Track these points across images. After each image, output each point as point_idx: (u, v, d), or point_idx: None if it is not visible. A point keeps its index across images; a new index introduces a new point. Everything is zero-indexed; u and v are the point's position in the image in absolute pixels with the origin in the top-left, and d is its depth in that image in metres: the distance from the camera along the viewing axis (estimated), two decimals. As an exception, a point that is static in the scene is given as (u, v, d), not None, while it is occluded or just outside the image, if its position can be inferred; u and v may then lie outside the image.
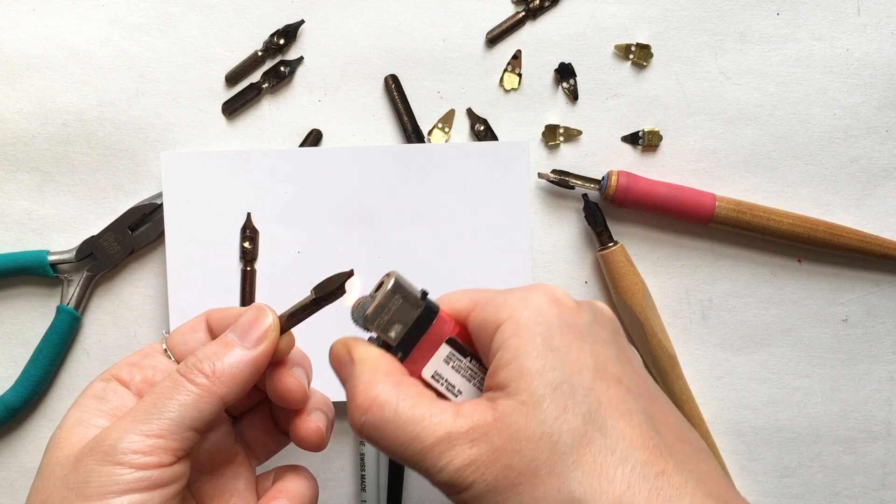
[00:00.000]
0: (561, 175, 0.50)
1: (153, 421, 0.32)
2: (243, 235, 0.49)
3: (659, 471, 0.29)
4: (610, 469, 0.29)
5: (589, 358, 0.31)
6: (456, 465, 0.30)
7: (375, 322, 0.33)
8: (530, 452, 0.29)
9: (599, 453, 0.29)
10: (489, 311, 0.32)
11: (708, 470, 0.31)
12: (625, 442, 0.29)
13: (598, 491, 0.28)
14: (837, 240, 0.50)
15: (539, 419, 0.29)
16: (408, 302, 0.33)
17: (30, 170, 0.50)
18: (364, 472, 0.50)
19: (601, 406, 0.30)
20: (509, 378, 0.30)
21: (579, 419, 0.29)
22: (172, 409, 0.32)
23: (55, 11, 0.50)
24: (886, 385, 0.52)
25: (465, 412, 0.31)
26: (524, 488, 0.29)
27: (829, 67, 0.51)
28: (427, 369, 0.33)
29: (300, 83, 0.51)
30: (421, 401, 0.31)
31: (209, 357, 0.34)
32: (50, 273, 0.49)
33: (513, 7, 0.51)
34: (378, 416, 0.31)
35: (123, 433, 0.31)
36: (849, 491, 0.52)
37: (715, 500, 0.29)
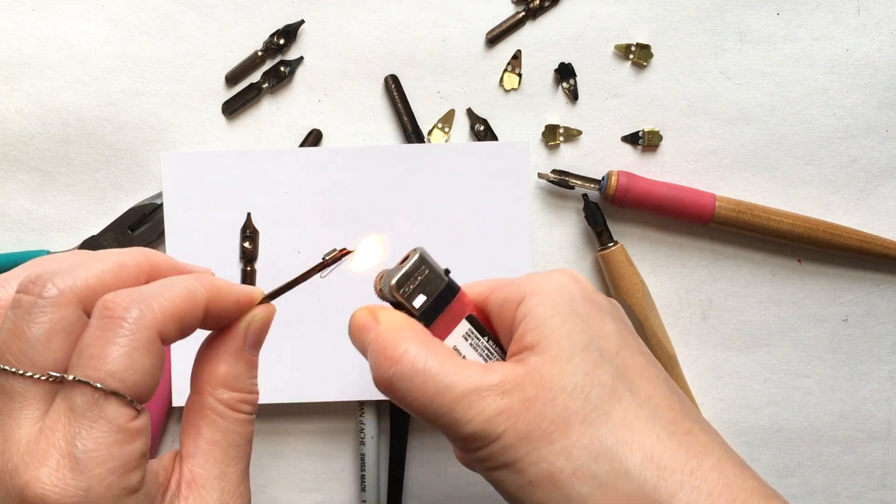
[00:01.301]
0: (561, 175, 0.50)
1: None
2: (243, 235, 0.49)
3: (686, 429, 0.30)
4: (641, 422, 0.30)
5: (612, 328, 0.32)
6: (487, 414, 0.30)
7: (401, 290, 0.33)
8: (563, 402, 0.30)
9: (630, 408, 0.30)
10: (511, 290, 0.33)
11: (724, 440, 0.32)
12: (652, 401, 0.30)
13: (630, 442, 0.29)
14: (837, 240, 0.50)
15: (571, 371, 0.30)
16: (433, 274, 0.34)
17: (30, 170, 0.50)
18: (364, 472, 0.50)
19: (628, 368, 0.31)
20: (538, 338, 0.31)
21: (608, 376, 0.30)
22: None
23: (55, 11, 0.50)
24: (886, 385, 0.52)
25: (494, 368, 0.31)
26: (556, 436, 0.29)
27: (829, 67, 0.51)
28: (446, 343, 0.34)
29: (300, 83, 0.51)
30: (450, 357, 0.31)
31: (245, 381, 0.32)
32: (50, 273, 0.49)
33: (513, 7, 0.51)
34: (409, 368, 0.31)
35: None
36: (849, 491, 0.52)
37: (739, 462, 0.30)
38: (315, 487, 0.51)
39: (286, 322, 0.48)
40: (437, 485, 0.51)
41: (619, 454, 0.29)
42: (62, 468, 0.25)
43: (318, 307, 0.49)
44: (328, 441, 0.51)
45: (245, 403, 0.31)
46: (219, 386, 0.31)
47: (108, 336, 0.26)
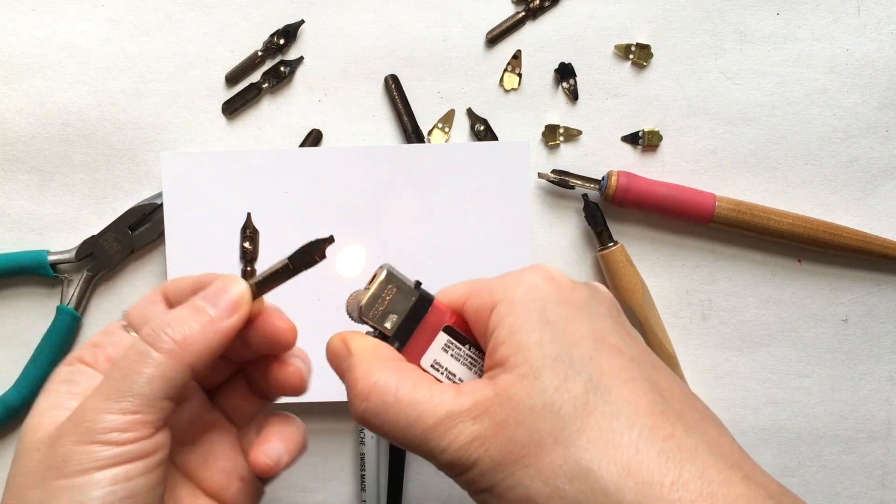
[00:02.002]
0: (561, 175, 0.50)
1: (126, 397, 0.31)
2: (243, 235, 0.49)
3: (667, 434, 0.29)
4: (616, 435, 0.28)
5: (588, 329, 0.31)
6: (460, 443, 0.30)
7: (370, 313, 0.33)
8: (533, 423, 0.29)
9: (604, 419, 0.29)
10: (483, 296, 0.32)
11: (718, 436, 0.30)
12: (630, 407, 0.29)
13: (605, 457, 0.28)
14: (837, 240, 0.50)
15: (539, 389, 0.29)
16: (402, 291, 0.33)
17: (30, 170, 0.50)
18: (364, 472, 0.50)
19: (603, 374, 0.30)
20: (507, 353, 0.30)
21: (580, 387, 0.29)
22: (142, 381, 0.31)
23: (55, 11, 0.50)
24: (886, 385, 0.52)
25: (465, 391, 0.30)
26: (530, 460, 0.29)
27: (829, 67, 0.51)
28: (425, 358, 0.33)
29: (300, 83, 0.51)
30: (420, 383, 0.31)
31: (175, 323, 0.33)
32: (50, 273, 0.49)
33: (513, 7, 0.51)
34: (378, 402, 0.31)
35: (98, 413, 0.31)
36: (849, 491, 0.52)
37: (727, 464, 0.29)
38: (315, 487, 0.51)
39: (286, 322, 0.48)
40: (437, 485, 0.51)
41: (595, 472, 0.28)
42: None
43: (318, 307, 0.49)
44: (328, 441, 0.51)
45: (148, 328, 0.33)
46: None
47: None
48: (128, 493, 0.31)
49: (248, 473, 0.38)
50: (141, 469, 0.31)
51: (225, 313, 0.34)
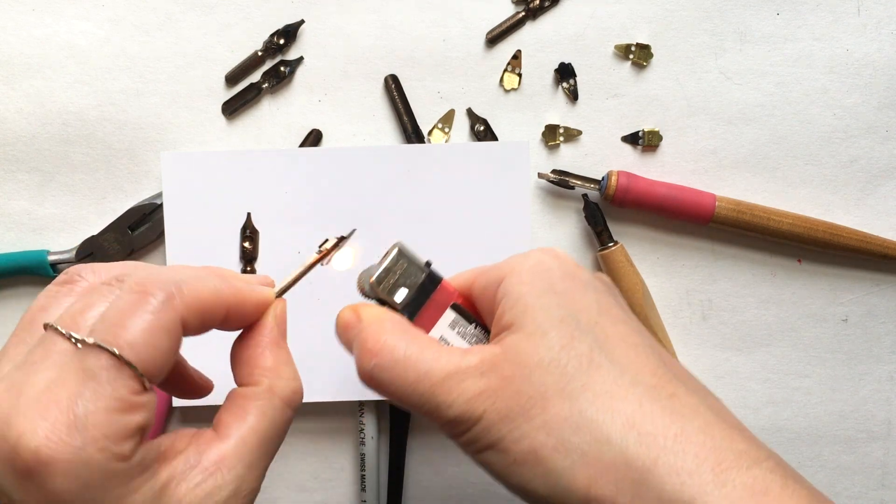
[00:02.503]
0: (561, 175, 0.50)
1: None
2: (243, 235, 0.49)
3: (670, 393, 0.29)
4: (620, 390, 0.29)
5: (592, 300, 0.32)
6: (467, 396, 0.30)
7: (381, 287, 0.34)
8: (539, 377, 0.29)
9: (609, 376, 0.29)
10: (491, 274, 0.33)
11: (715, 403, 0.31)
12: (633, 368, 0.30)
13: (609, 410, 0.29)
14: (837, 240, 0.50)
15: (546, 346, 0.30)
16: (412, 268, 0.34)
17: (30, 170, 0.50)
18: (364, 472, 0.50)
19: (608, 338, 0.31)
20: (514, 316, 0.31)
21: (586, 346, 0.30)
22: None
23: (55, 11, 0.50)
24: (886, 385, 0.52)
25: (472, 350, 0.31)
26: (536, 412, 0.29)
27: (829, 67, 0.51)
28: (433, 333, 0.34)
29: (300, 83, 0.51)
30: (429, 344, 0.32)
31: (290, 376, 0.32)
32: (50, 273, 0.49)
33: (513, 7, 0.51)
34: (388, 358, 0.31)
35: None
36: (849, 491, 0.52)
37: (730, 425, 0.29)
38: (315, 487, 0.51)
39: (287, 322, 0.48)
40: (437, 485, 0.51)
41: (600, 423, 0.28)
42: (59, 424, 0.25)
43: (318, 307, 0.49)
44: (328, 441, 0.51)
45: (296, 395, 0.32)
46: (272, 375, 0.31)
47: (134, 309, 0.27)
48: None
49: None
50: None
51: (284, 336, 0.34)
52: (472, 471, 0.51)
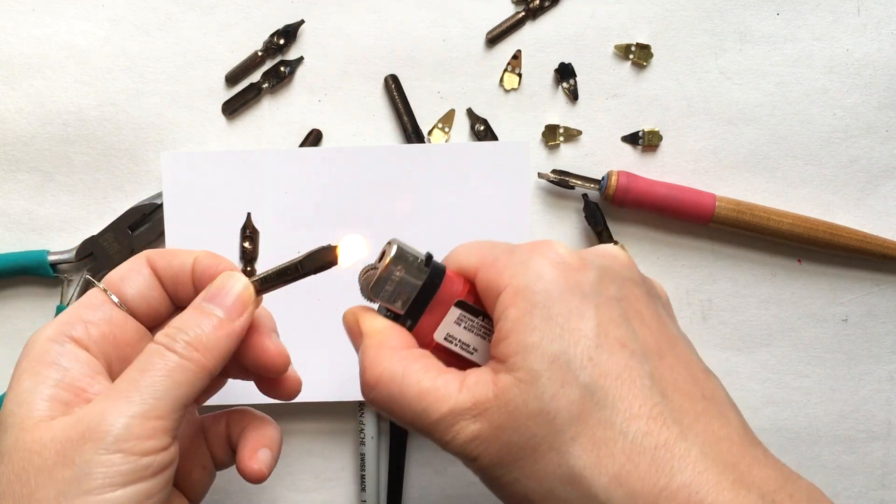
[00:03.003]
0: (561, 175, 0.50)
1: (149, 401, 0.30)
2: (243, 235, 0.49)
3: (660, 442, 0.29)
4: (609, 442, 0.29)
5: (590, 324, 0.30)
6: (461, 439, 0.30)
7: (380, 294, 0.33)
8: (529, 429, 0.29)
9: (598, 426, 0.29)
10: (492, 275, 0.32)
11: (720, 429, 0.30)
12: (625, 413, 0.29)
13: (596, 465, 0.28)
14: (837, 240, 0.50)
15: (536, 395, 0.29)
16: (411, 270, 0.33)
17: (30, 170, 0.50)
18: (364, 472, 0.50)
19: (601, 376, 0.29)
20: (508, 352, 0.30)
21: (577, 392, 0.29)
22: (166, 386, 0.30)
23: (55, 11, 0.50)
24: (886, 385, 0.52)
25: (468, 385, 0.31)
26: (526, 463, 0.29)
27: (829, 67, 0.51)
28: (439, 332, 0.33)
29: (300, 83, 0.51)
30: (426, 374, 0.31)
31: (192, 328, 0.32)
32: (50, 273, 0.49)
33: (513, 7, 0.51)
34: (384, 394, 0.31)
35: (120, 417, 0.29)
36: (849, 491, 0.52)
37: (722, 465, 0.28)
38: (315, 487, 0.51)
39: (286, 323, 0.48)
40: (437, 485, 0.51)
41: (588, 479, 0.28)
42: None
43: (318, 307, 0.49)
44: (328, 441, 0.51)
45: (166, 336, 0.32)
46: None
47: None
48: None
49: (209, 461, 0.38)
50: (161, 484, 0.30)
51: (234, 314, 0.33)
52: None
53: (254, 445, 0.36)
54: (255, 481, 0.36)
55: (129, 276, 0.35)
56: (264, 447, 0.36)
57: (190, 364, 0.31)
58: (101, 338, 0.33)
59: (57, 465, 0.28)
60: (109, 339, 0.34)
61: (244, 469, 0.36)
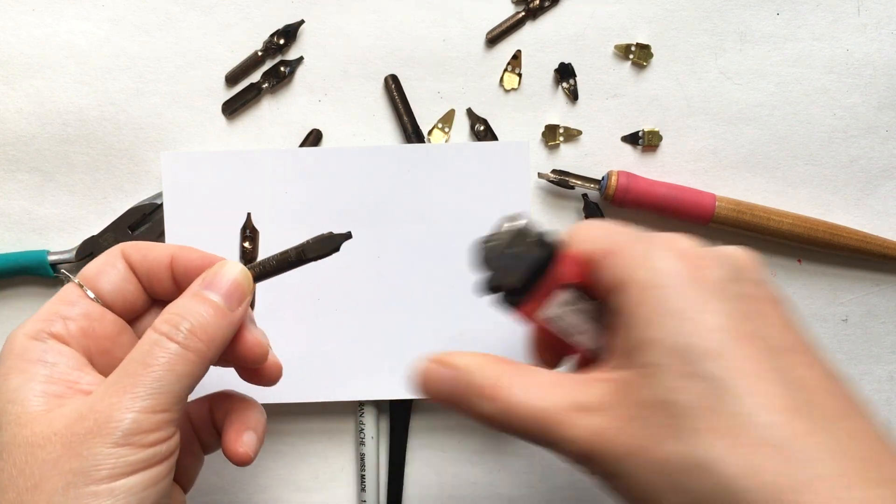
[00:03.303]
0: (561, 175, 0.50)
1: (155, 394, 0.30)
2: (243, 235, 0.49)
3: (795, 433, 0.27)
4: (740, 434, 0.27)
5: (715, 318, 0.29)
6: (578, 438, 0.30)
7: (494, 265, 0.33)
8: (653, 419, 0.28)
9: (727, 417, 0.27)
10: (609, 268, 0.32)
11: (856, 426, 0.29)
12: (756, 405, 0.28)
13: (728, 455, 0.27)
14: (837, 240, 0.50)
15: (661, 388, 0.28)
16: (530, 246, 0.33)
17: (30, 170, 0.50)
18: (364, 472, 0.50)
19: (728, 369, 0.28)
20: (628, 347, 0.30)
21: (701, 385, 0.28)
22: (170, 380, 0.30)
23: (55, 11, 0.50)
24: (886, 385, 0.52)
25: (585, 384, 0.30)
26: (650, 455, 0.28)
27: (829, 67, 0.51)
28: (546, 311, 0.33)
29: (300, 83, 0.51)
30: (536, 380, 0.31)
31: (191, 316, 0.32)
32: (50, 273, 0.49)
33: (513, 7, 0.51)
34: (504, 403, 0.31)
35: (128, 413, 0.29)
36: (849, 491, 0.51)
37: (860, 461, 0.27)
38: (315, 487, 0.51)
39: (286, 322, 0.48)
40: (437, 485, 0.51)
41: (719, 469, 0.27)
42: None
43: (317, 307, 0.49)
44: (328, 441, 0.51)
45: (167, 324, 0.32)
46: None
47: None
48: (157, 497, 0.30)
49: (197, 447, 0.38)
50: (165, 470, 0.31)
51: (234, 303, 0.33)
52: (472, 471, 0.51)
53: (238, 428, 0.36)
54: (241, 464, 0.36)
55: (104, 270, 0.36)
56: (249, 430, 0.36)
57: (191, 354, 0.31)
58: (80, 332, 0.34)
59: (63, 458, 0.29)
60: (88, 333, 0.34)
61: (230, 452, 0.36)
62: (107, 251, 0.36)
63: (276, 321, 0.48)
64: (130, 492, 0.29)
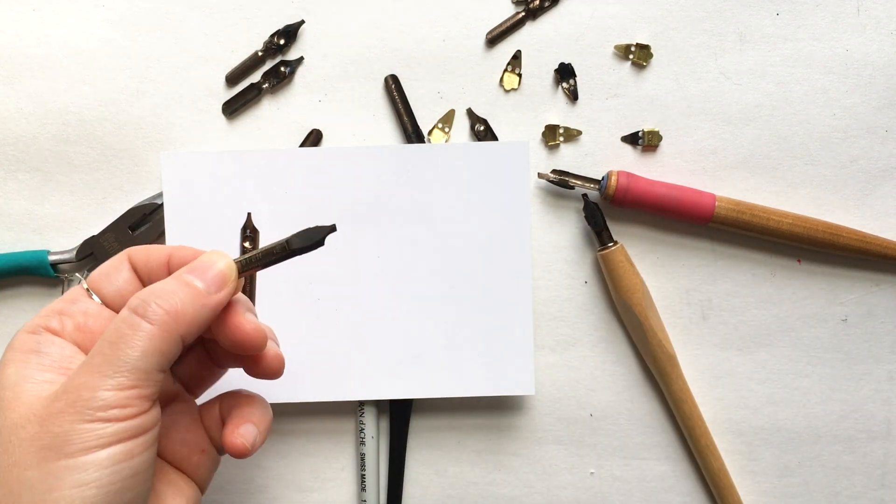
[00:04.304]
0: (561, 175, 0.50)
1: (122, 371, 0.31)
2: (243, 235, 0.49)
3: None
4: None
5: None
6: None
7: None
8: None
9: None
10: None
11: None
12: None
13: None
14: (837, 240, 0.50)
15: None
16: None
17: (30, 170, 0.50)
18: (364, 472, 0.50)
19: None
20: None
21: None
22: (136, 354, 0.31)
23: (55, 11, 0.50)
24: (886, 385, 0.52)
25: None
26: None
27: (829, 67, 0.51)
28: None
29: (300, 83, 0.51)
30: None
31: (164, 295, 0.33)
32: (50, 273, 0.49)
33: (513, 7, 0.51)
34: None
35: (95, 389, 0.30)
36: (849, 491, 0.52)
37: None
38: (315, 487, 0.51)
39: (286, 322, 0.48)
40: (437, 485, 0.51)
41: None
42: None
43: (317, 307, 0.49)
44: (328, 441, 0.51)
45: (137, 300, 0.32)
46: None
47: None
48: (131, 472, 0.31)
49: (208, 445, 0.39)
50: (141, 446, 0.31)
51: (213, 287, 0.34)
52: (472, 471, 0.51)
53: (237, 421, 0.37)
54: (239, 455, 0.36)
55: (110, 273, 0.37)
56: (248, 423, 0.37)
57: (160, 331, 0.32)
58: (76, 327, 0.35)
59: (38, 435, 0.30)
60: (83, 328, 0.35)
61: (226, 444, 0.36)
62: (116, 255, 0.37)
63: (276, 321, 0.48)
64: (102, 465, 0.30)
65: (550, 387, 0.51)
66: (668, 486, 0.51)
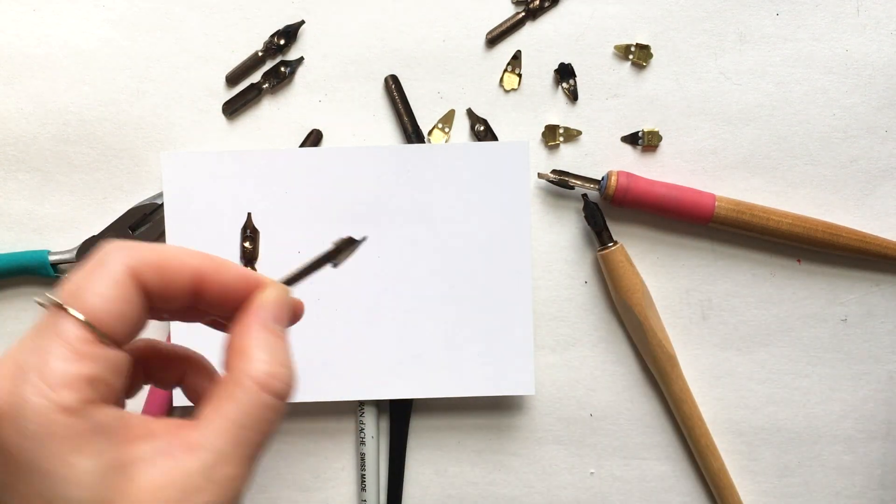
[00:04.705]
0: (561, 175, 0.50)
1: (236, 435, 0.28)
2: (243, 235, 0.49)
3: None
4: None
5: None
6: None
7: None
8: None
9: None
10: None
11: None
12: None
13: None
14: (837, 240, 0.50)
15: None
16: None
17: (30, 170, 0.50)
18: (364, 472, 0.50)
19: None
20: None
21: None
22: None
23: (55, 11, 0.50)
24: (886, 385, 0.52)
25: None
26: None
27: (829, 67, 0.51)
28: None
29: (300, 83, 0.51)
30: None
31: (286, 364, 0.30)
32: (51, 273, 0.49)
33: (513, 7, 0.51)
34: None
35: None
36: (849, 491, 0.52)
37: None
38: (315, 487, 0.51)
39: (286, 322, 0.48)
40: (437, 485, 0.51)
41: None
42: (5, 375, 0.26)
43: (318, 307, 0.49)
44: (328, 441, 0.51)
45: (275, 380, 0.29)
46: (245, 358, 0.29)
47: (85, 266, 0.28)
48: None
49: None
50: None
51: (287, 324, 0.32)
52: (472, 471, 0.51)
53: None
54: None
55: (113, 301, 0.30)
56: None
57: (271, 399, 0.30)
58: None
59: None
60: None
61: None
62: (108, 270, 0.28)
63: (276, 321, 0.48)
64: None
65: (550, 387, 0.51)
66: (668, 486, 0.51)
